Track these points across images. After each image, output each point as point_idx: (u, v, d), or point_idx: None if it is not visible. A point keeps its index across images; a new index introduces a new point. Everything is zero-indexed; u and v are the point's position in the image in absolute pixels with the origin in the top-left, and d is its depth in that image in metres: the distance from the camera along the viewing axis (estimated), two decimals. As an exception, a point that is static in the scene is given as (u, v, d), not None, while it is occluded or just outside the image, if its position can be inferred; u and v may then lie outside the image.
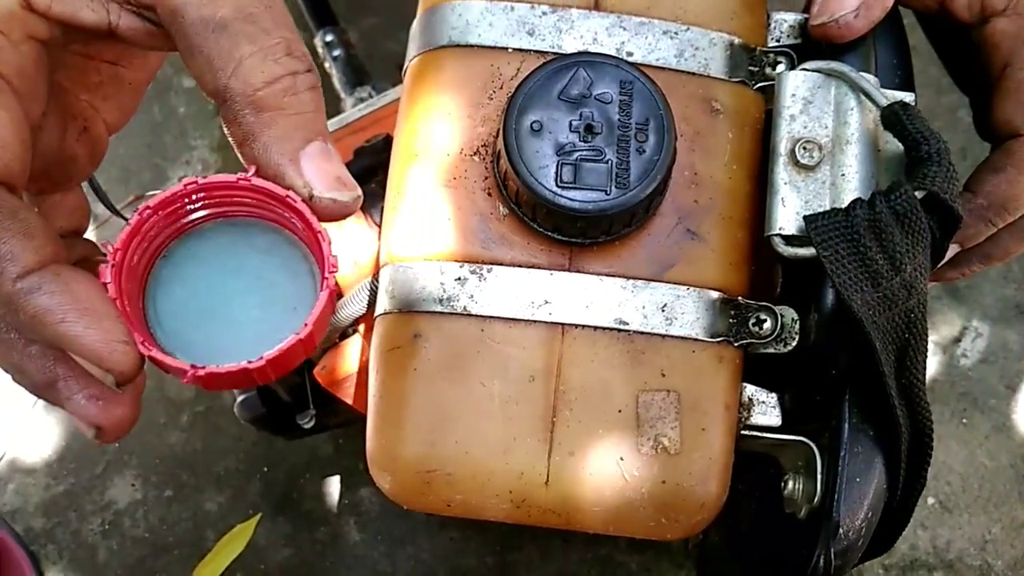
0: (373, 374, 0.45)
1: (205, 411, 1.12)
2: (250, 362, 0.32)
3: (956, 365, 1.12)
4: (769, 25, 0.50)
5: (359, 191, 0.34)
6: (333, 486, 1.09)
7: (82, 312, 0.30)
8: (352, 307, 0.57)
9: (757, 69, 0.48)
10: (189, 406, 1.13)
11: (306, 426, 0.74)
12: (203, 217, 0.36)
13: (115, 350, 0.30)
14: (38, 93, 0.33)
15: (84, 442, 1.13)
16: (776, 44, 0.49)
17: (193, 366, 0.31)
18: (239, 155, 0.33)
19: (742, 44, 0.48)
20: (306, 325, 0.32)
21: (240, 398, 0.72)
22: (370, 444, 0.45)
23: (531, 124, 0.41)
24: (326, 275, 0.33)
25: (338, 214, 0.33)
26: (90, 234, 1.18)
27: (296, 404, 0.74)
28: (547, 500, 0.43)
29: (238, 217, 0.36)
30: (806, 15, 0.49)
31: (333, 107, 1.24)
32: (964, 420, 1.11)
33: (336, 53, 1.03)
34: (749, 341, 0.44)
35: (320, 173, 0.32)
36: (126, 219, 0.33)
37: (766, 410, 0.46)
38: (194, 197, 0.34)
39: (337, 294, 0.43)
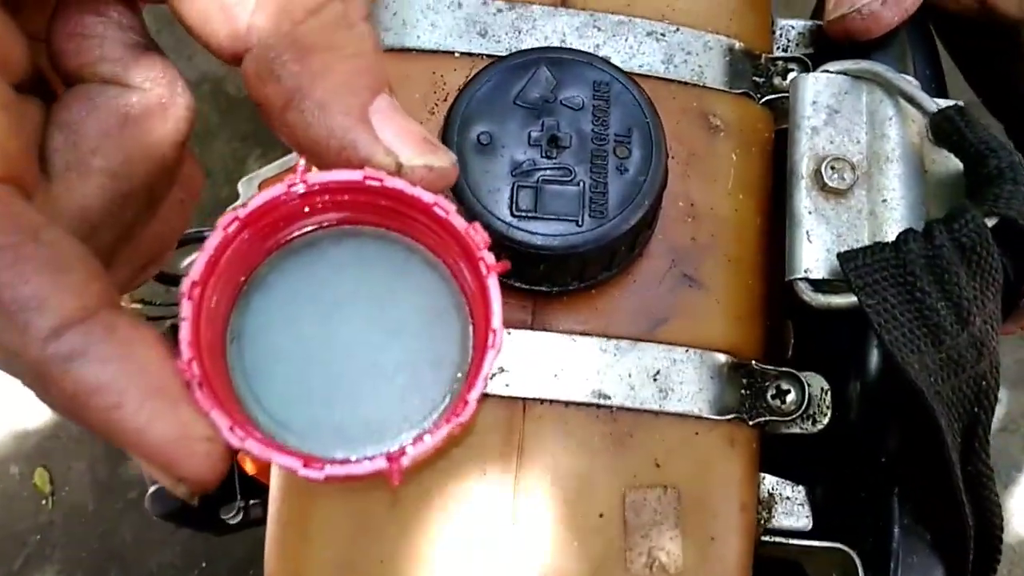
0: (274, 471, 0.34)
1: (138, 496, 1.00)
2: (390, 458, 0.21)
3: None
4: (775, 33, 0.42)
5: (453, 155, 0.24)
6: (282, 582, 0.97)
7: (148, 393, 0.20)
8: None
9: (763, 80, 0.39)
10: (121, 491, 1.01)
11: (231, 521, 0.63)
12: (307, 229, 0.25)
13: (194, 452, 0.21)
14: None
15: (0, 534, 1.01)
16: (783, 55, 0.41)
17: (308, 461, 0.21)
18: (281, 131, 0.23)
19: (744, 49, 0.39)
20: (465, 403, 0.22)
21: (151, 489, 0.61)
22: (268, 565, 0.34)
23: (478, 136, 0.31)
24: (493, 326, 0.22)
25: (437, 185, 0.24)
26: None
27: (221, 495, 0.63)
28: (506, 641, 0.32)
29: (358, 226, 0.26)
30: (818, 22, 0.40)
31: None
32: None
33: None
34: (768, 418, 0.34)
35: (403, 134, 0.23)
36: None
37: (792, 508, 0.35)
38: (298, 203, 0.24)
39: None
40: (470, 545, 0.32)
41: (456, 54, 0.37)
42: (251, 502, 0.63)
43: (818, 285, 0.33)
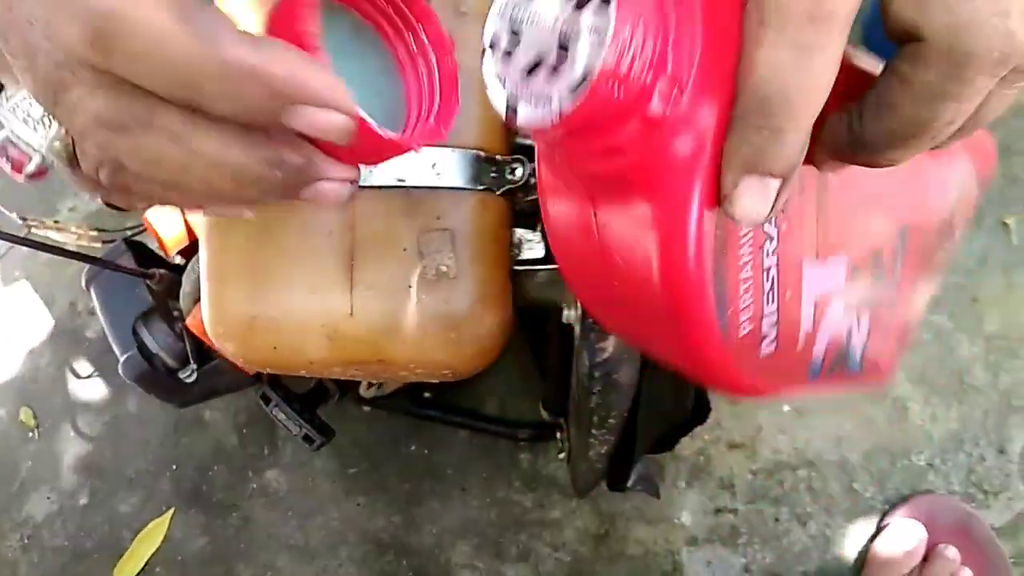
0: (201, 249, 0.54)
1: (112, 419, 1.17)
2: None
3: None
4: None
5: None
6: (240, 474, 1.14)
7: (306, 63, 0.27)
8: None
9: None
10: (96, 416, 1.18)
11: (187, 380, 0.81)
12: None
13: (341, 95, 0.28)
14: None
15: (-3, 465, 1.17)
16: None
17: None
18: None
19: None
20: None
21: (123, 358, 0.79)
22: (206, 313, 0.53)
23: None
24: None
25: None
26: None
27: (178, 364, 0.82)
28: (354, 329, 0.52)
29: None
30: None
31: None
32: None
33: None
34: (507, 187, 0.54)
35: None
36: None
37: (533, 246, 0.56)
38: None
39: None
40: (325, 275, 0.52)
41: None
42: (201, 369, 0.82)
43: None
